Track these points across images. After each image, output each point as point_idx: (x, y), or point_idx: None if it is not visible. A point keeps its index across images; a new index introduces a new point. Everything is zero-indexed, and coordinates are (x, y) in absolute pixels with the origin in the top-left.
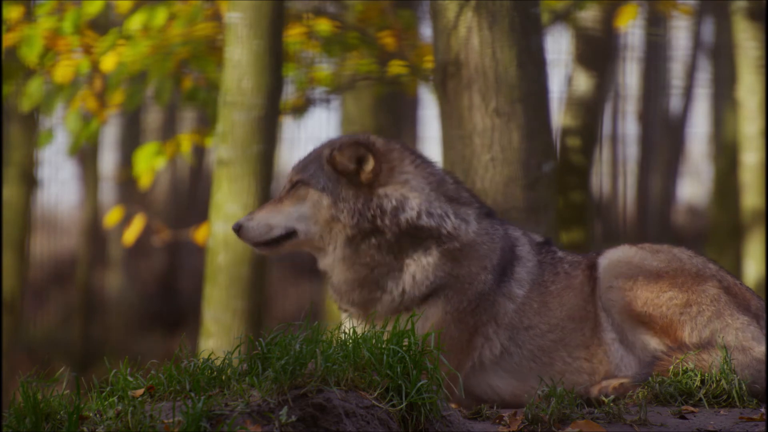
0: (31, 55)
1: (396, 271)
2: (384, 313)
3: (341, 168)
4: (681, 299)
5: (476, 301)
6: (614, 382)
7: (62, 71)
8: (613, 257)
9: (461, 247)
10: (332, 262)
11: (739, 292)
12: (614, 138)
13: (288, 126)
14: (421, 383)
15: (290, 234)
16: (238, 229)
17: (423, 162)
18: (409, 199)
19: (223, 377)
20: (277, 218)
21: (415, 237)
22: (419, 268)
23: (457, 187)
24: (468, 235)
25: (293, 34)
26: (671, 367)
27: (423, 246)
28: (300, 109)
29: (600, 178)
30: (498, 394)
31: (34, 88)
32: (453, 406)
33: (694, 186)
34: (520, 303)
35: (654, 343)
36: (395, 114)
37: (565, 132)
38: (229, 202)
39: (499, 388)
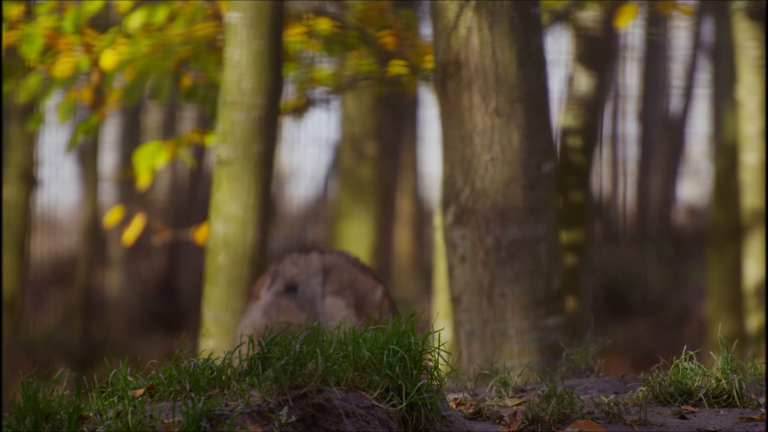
0: (31, 53)
1: None
2: None
3: None
4: None
5: None
6: None
7: (62, 67)
8: None
9: None
10: None
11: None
12: (614, 138)
13: (288, 126)
14: (421, 383)
15: None
16: None
17: None
18: None
19: (223, 377)
20: None
21: None
22: None
23: None
24: None
25: (293, 33)
26: None
27: None
28: (300, 110)
29: (600, 178)
30: None
31: (33, 81)
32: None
33: (694, 186)
34: None
35: None
36: (395, 114)
37: (565, 132)
38: (228, 202)
39: None
